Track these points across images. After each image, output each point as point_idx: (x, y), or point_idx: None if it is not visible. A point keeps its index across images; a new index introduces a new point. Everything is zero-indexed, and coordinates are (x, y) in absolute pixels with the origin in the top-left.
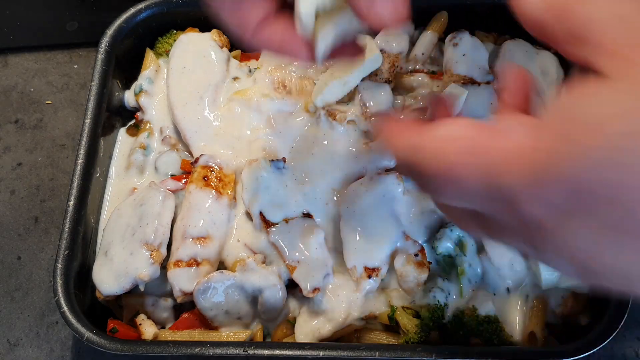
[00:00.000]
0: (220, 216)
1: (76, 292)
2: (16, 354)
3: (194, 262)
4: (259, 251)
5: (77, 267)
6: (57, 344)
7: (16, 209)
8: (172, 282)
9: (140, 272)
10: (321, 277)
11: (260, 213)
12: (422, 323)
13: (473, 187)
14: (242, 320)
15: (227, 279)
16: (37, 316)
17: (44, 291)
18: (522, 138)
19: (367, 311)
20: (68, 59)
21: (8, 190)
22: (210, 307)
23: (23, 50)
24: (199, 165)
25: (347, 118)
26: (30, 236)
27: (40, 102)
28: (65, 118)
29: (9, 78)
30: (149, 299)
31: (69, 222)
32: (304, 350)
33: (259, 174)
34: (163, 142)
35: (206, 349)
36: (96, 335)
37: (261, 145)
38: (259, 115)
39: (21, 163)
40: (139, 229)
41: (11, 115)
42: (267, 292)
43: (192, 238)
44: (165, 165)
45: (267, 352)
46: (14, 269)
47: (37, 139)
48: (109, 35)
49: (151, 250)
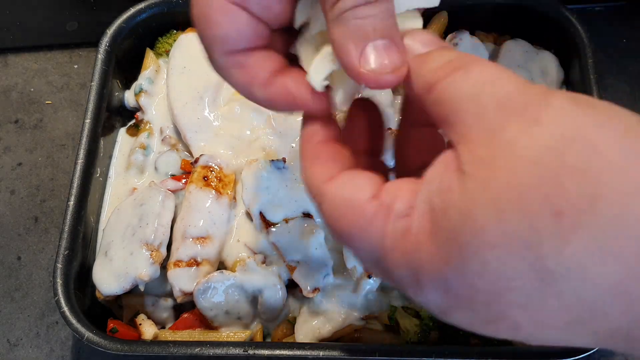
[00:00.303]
0: (220, 216)
1: (76, 292)
2: (16, 354)
3: (194, 262)
4: (259, 251)
5: (77, 267)
6: (57, 344)
7: (16, 209)
8: (172, 282)
9: (140, 272)
10: (321, 277)
11: (260, 213)
12: (422, 323)
13: (365, 259)
14: (242, 320)
15: (227, 279)
16: (37, 316)
17: (44, 291)
18: (415, 228)
19: (367, 311)
20: (68, 59)
21: (8, 190)
22: (210, 307)
23: (23, 50)
24: (199, 165)
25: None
26: (30, 236)
27: (40, 102)
28: (65, 118)
29: (9, 78)
30: (149, 299)
31: (69, 222)
32: (304, 350)
33: (259, 174)
34: (163, 142)
35: (206, 349)
36: (96, 335)
37: (261, 145)
38: (259, 115)
39: (21, 163)
40: (139, 229)
41: (11, 115)
42: (267, 292)
43: (192, 238)
44: (165, 165)
45: (267, 352)
46: (13, 269)
47: (37, 139)
48: (109, 35)
49: (151, 250)
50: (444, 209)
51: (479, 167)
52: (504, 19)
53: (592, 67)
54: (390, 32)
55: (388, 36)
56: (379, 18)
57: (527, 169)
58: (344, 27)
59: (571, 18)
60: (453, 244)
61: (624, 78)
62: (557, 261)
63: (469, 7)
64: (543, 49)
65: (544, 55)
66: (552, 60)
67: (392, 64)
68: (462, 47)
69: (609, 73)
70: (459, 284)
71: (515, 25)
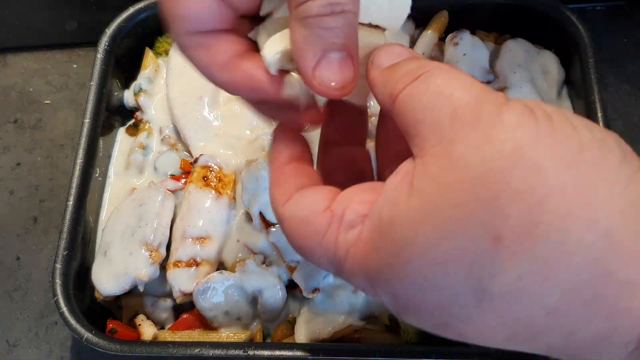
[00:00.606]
0: (220, 216)
1: (75, 292)
2: (15, 354)
3: (194, 263)
4: (259, 252)
5: (76, 267)
6: (56, 345)
7: (15, 209)
8: (171, 283)
9: (140, 272)
10: (321, 277)
11: (260, 213)
12: None
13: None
14: (242, 321)
15: (226, 279)
16: (36, 316)
17: (43, 291)
18: (364, 238)
19: (367, 311)
20: (67, 58)
21: (7, 190)
22: (209, 307)
23: (22, 50)
24: (199, 165)
25: None
26: (29, 236)
27: (39, 102)
28: (65, 118)
29: (8, 78)
30: (148, 300)
31: (68, 222)
32: (304, 350)
33: (259, 174)
34: (162, 142)
35: (206, 350)
36: (95, 335)
37: (261, 145)
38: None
39: (20, 163)
40: (139, 229)
41: (10, 115)
42: (267, 293)
43: (192, 238)
44: (164, 165)
45: (267, 353)
46: (12, 270)
47: (36, 139)
48: (109, 35)
49: (150, 251)
50: (390, 222)
51: (427, 183)
52: (505, 19)
53: (592, 67)
54: (348, 45)
55: (346, 49)
56: (341, 31)
57: (471, 190)
58: (306, 31)
59: (572, 17)
60: (396, 258)
61: (624, 78)
62: (495, 284)
63: (469, 7)
64: (544, 49)
65: (545, 54)
66: (552, 59)
67: (342, 80)
68: (463, 46)
69: (609, 72)
70: (403, 295)
71: (516, 24)
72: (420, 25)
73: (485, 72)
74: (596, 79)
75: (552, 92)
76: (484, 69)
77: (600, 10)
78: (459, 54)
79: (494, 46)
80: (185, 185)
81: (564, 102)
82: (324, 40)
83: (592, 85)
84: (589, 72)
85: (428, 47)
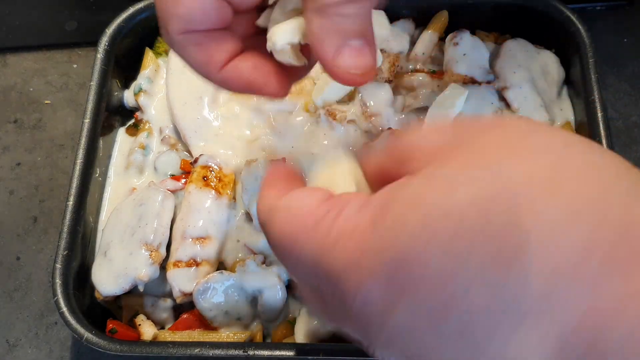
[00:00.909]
0: (219, 216)
1: (75, 292)
2: (15, 354)
3: (194, 263)
4: (259, 252)
5: (76, 267)
6: (56, 345)
7: (15, 209)
8: (171, 283)
9: (140, 272)
10: None
11: None
12: None
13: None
14: (242, 321)
15: (226, 279)
16: (36, 317)
17: (43, 291)
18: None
19: None
20: (67, 58)
21: (7, 190)
22: (209, 307)
23: (22, 50)
24: (199, 165)
25: (347, 118)
26: (29, 236)
27: (39, 101)
28: (65, 118)
29: (8, 78)
30: (148, 300)
31: (68, 222)
32: (304, 350)
33: (259, 174)
34: (162, 142)
35: (206, 350)
36: (95, 335)
37: (261, 145)
38: (258, 115)
39: (20, 163)
40: (139, 229)
41: (10, 115)
42: (267, 293)
43: (192, 238)
44: (164, 165)
45: (267, 353)
46: (12, 270)
47: (36, 139)
48: (108, 34)
49: (150, 251)
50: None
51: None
52: (505, 18)
53: (592, 67)
54: (366, 32)
55: (364, 37)
56: (360, 17)
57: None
58: (325, 20)
59: (572, 17)
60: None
61: (625, 77)
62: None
63: (469, 7)
64: (544, 48)
65: (545, 54)
66: (552, 59)
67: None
68: (463, 46)
69: (609, 72)
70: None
71: (516, 24)
72: (420, 25)
73: (485, 72)
74: (596, 79)
75: (552, 92)
76: (484, 69)
77: (600, 10)
78: (459, 54)
79: (494, 46)
80: (185, 185)
81: (564, 102)
82: (343, 28)
83: (592, 85)
84: (589, 72)
85: (428, 47)
